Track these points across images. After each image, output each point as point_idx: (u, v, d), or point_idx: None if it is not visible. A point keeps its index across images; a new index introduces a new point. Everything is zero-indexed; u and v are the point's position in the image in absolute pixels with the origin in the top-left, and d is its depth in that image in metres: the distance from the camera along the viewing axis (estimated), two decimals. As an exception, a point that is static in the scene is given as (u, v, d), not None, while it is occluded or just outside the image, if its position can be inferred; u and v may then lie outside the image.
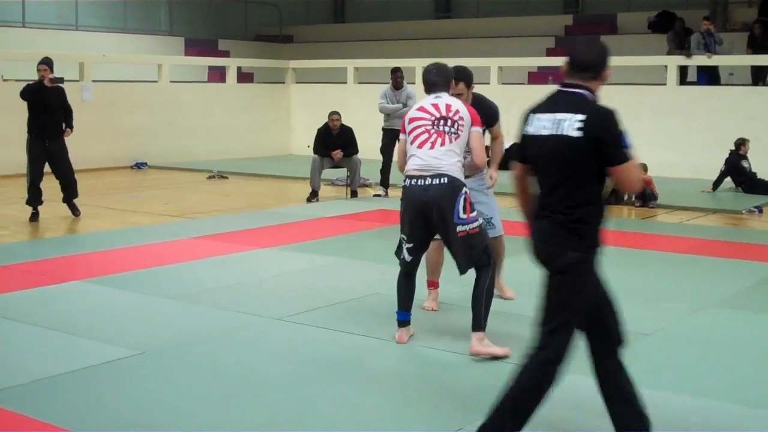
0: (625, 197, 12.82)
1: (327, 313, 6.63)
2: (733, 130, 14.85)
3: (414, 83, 17.45)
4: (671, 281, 7.90)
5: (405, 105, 13.09)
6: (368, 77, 19.71)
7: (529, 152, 4.00)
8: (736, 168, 14.14)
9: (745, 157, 14.17)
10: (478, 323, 5.53)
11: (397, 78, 13.23)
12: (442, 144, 5.55)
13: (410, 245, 5.73)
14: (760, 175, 14.09)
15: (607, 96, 15.09)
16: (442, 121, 5.60)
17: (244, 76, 21.36)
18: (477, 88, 6.82)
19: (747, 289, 7.62)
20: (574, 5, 24.05)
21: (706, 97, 16.27)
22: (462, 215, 5.47)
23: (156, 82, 18.72)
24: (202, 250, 9.02)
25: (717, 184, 14.14)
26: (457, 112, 5.63)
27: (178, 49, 22.87)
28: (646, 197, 12.65)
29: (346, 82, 20.13)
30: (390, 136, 13.22)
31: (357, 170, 13.29)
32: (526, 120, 4.05)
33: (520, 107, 6.35)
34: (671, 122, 16.26)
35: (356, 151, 13.24)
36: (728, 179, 14.21)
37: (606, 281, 4.03)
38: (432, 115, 5.63)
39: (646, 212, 12.33)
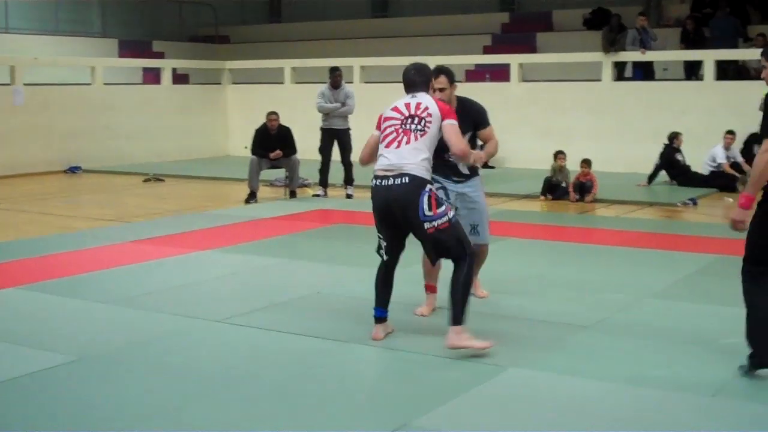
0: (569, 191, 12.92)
1: (268, 313, 6.57)
2: (667, 124, 15.09)
3: (352, 82, 17.50)
4: (609, 274, 7.97)
5: (344, 104, 13.06)
6: (306, 77, 19.64)
7: None
8: (670, 161, 14.35)
9: (679, 151, 14.39)
10: (455, 317, 5.46)
11: (336, 77, 13.18)
12: (407, 142, 5.54)
13: (385, 244, 5.74)
14: (694, 168, 14.32)
15: (542, 92, 15.37)
16: (409, 120, 5.60)
17: (180, 78, 21.13)
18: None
19: (683, 280, 7.72)
20: (510, 3, 24.19)
21: (641, 92, 16.50)
22: (428, 212, 5.44)
23: (89, 84, 18.43)
24: (140, 253, 8.89)
25: (652, 177, 14.35)
26: (426, 109, 5.61)
27: (111, 51, 22.54)
28: (585, 191, 12.77)
29: (283, 82, 20.03)
30: (329, 136, 13.19)
31: (296, 171, 13.22)
32: None
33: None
34: (607, 118, 16.47)
35: (295, 152, 13.16)
36: (663, 172, 14.42)
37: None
38: (402, 114, 5.64)
39: (583, 206, 12.45)
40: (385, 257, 5.77)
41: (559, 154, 13.17)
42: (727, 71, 16.37)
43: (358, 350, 5.67)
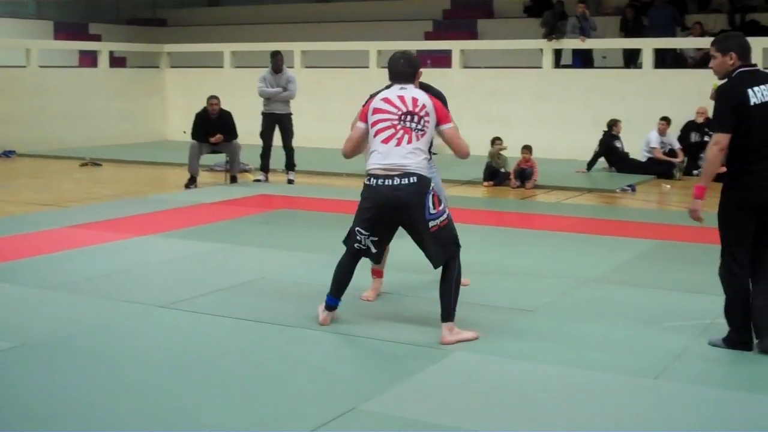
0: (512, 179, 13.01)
1: (212, 299, 6.50)
2: (607, 112, 15.26)
3: (293, 67, 17.39)
4: (551, 259, 8.04)
5: (285, 89, 12.97)
6: (246, 61, 19.48)
7: (753, 120, 5.04)
8: (609, 148, 14.52)
9: (618, 138, 14.56)
10: (448, 313, 5.42)
11: (277, 61, 13.08)
12: (409, 141, 5.43)
13: (375, 239, 5.60)
14: (632, 155, 14.50)
15: (483, 79, 15.44)
16: (408, 117, 5.47)
17: (117, 61, 20.84)
18: (355, 72, 6.72)
19: (624, 265, 7.82)
20: (451, -11, 24.21)
21: (581, 79, 16.64)
22: (432, 211, 5.42)
23: (24, 67, 18.05)
24: (79, 239, 8.74)
25: (591, 164, 14.51)
26: (423, 107, 5.50)
27: (47, 33, 22.12)
28: (526, 177, 12.87)
29: (222, 67, 19.84)
30: (270, 120, 13.09)
31: (237, 155, 13.10)
32: (741, 95, 5.06)
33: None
34: (547, 104, 16.58)
35: (235, 136, 13.03)
36: (602, 159, 14.58)
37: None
38: (398, 109, 5.49)
39: (524, 192, 12.53)
40: (373, 249, 5.63)
41: (496, 140, 13.21)
42: (665, 59, 16.58)
43: (303, 335, 5.65)
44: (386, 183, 5.42)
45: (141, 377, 4.88)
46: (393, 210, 5.46)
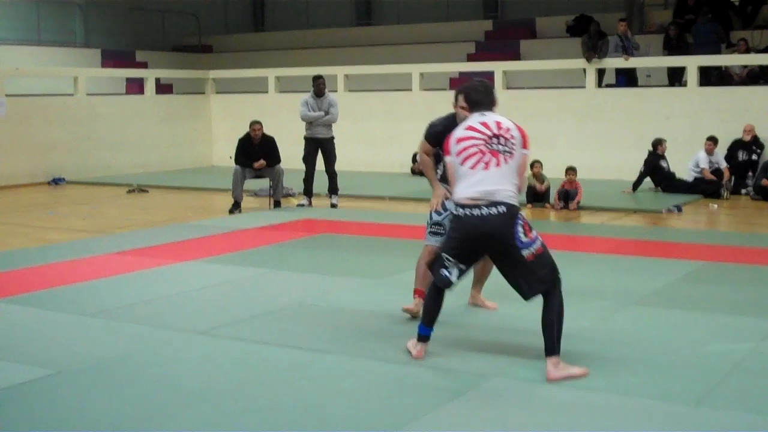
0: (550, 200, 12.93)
1: (250, 325, 6.51)
2: (651, 131, 15.10)
3: (336, 91, 17.48)
4: (594, 281, 7.94)
5: (327, 113, 13.01)
6: (290, 86, 19.61)
7: None
8: (654, 168, 14.36)
9: (663, 157, 14.40)
10: (552, 347, 5.26)
11: (319, 85, 13.13)
12: (497, 164, 5.31)
13: (462, 266, 5.48)
14: (678, 175, 14.34)
15: (526, 99, 15.36)
16: (494, 139, 5.36)
17: (163, 88, 21.07)
18: (398, 95, 6.72)
19: (668, 287, 7.70)
20: (493, 10, 24.22)
21: (625, 98, 16.50)
22: (524, 239, 5.27)
23: (72, 95, 18.33)
24: (122, 265, 8.82)
25: (637, 184, 14.35)
26: (508, 129, 5.41)
27: (94, 61, 22.46)
28: (570, 198, 12.76)
29: (267, 92, 19.99)
30: (312, 145, 13.13)
31: (279, 180, 13.16)
32: None
33: (443, 112, 6.38)
34: (591, 125, 16.46)
35: (278, 161, 13.10)
36: (648, 179, 14.43)
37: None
38: (483, 133, 5.39)
39: (568, 214, 12.43)
40: (454, 280, 5.49)
41: (535, 163, 13.05)
42: (710, 77, 16.40)
43: (339, 361, 5.61)
44: (474, 213, 5.28)
45: (173, 404, 4.88)
46: (482, 240, 5.34)
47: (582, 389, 5.04)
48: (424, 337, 5.64)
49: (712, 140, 14.26)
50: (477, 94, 5.62)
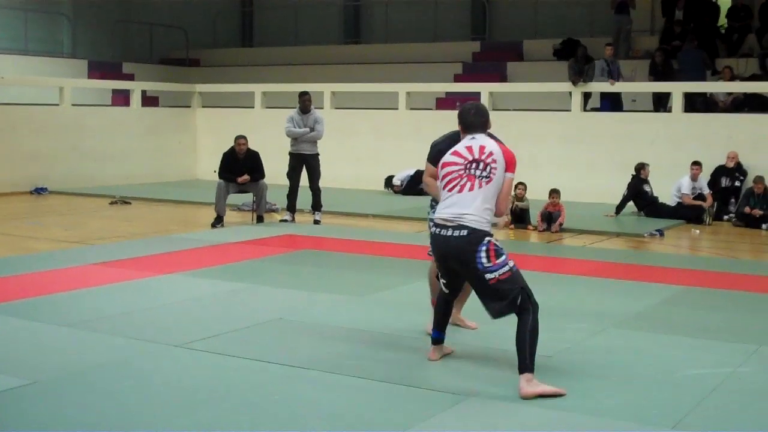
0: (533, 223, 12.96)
1: (228, 339, 6.48)
2: (635, 155, 15.16)
3: (322, 108, 17.49)
4: (574, 303, 7.96)
5: (312, 129, 13.01)
6: (276, 102, 19.62)
7: None
8: (638, 192, 14.41)
9: (646, 182, 14.46)
10: (524, 365, 5.29)
11: (304, 102, 13.14)
12: (471, 189, 5.42)
13: (444, 280, 5.78)
14: (661, 199, 14.39)
15: (514, 122, 15.48)
16: (473, 165, 5.47)
17: (149, 100, 21.04)
18: (384, 114, 6.74)
19: (648, 310, 7.72)
20: (481, 32, 24.31)
21: (610, 122, 16.58)
22: (486, 263, 5.35)
23: (57, 105, 18.28)
24: (102, 276, 8.78)
25: (620, 208, 14.39)
26: (490, 154, 5.48)
27: (80, 72, 22.40)
28: (552, 220, 12.79)
29: (253, 107, 19.99)
30: (297, 161, 13.13)
31: (263, 195, 13.14)
32: None
33: (429, 132, 6.41)
34: (576, 147, 16.52)
35: (262, 176, 13.08)
36: (631, 203, 14.48)
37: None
38: (465, 158, 5.51)
39: (551, 236, 12.45)
40: (444, 290, 5.84)
41: (518, 185, 13.04)
42: (695, 103, 16.50)
43: (317, 377, 5.60)
44: (441, 233, 5.49)
45: (150, 416, 4.85)
46: (447, 258, 5.54)
47: (559, 410, 5.04)
48: (435, 340, 5.95)
49: (698, 165, 14.32)
50: (468, 117, 5.73)
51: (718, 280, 9.22)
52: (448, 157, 5.63)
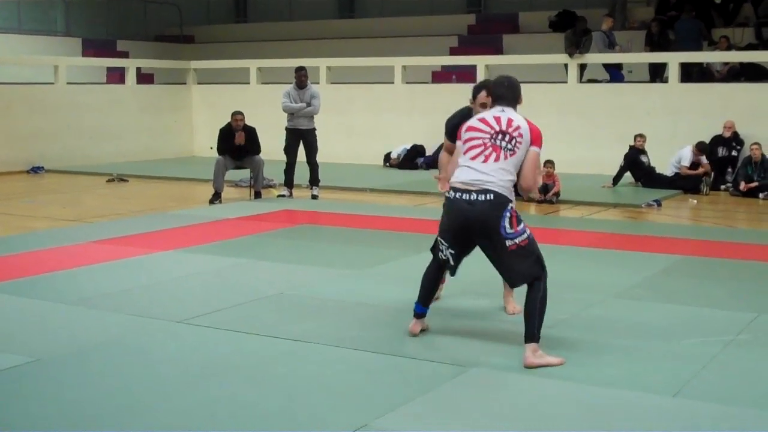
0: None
1: (229, 314, 6.49)
2: (632, 126, 15.15)
3: (318, 83, 17.44)
4: (573, 274, 7.95)
5: (309, 104, 12.99)
6: (272, 77, 19.55)
7: None
8: (634, 163, 14.42)
9: (644, 152, 14.46)
10: (531, 334, 5.33)
11: (300, 77, 13.11)
12: (496, 160, 5.39)
13: (453, 251, 5.62)
14: (658, 170, 14.40)
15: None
16: (500, 136, 5.43)
17: (144, 77, 20.97)
18: (380, 88, 6.74)
19: (647, 280, 7.74)
20: (476, 4, 24.24)
21: (606, 94, 16.57)
22: (509, 230, 5.35)
23: (52, 84, 18.22)
24: (101, 254, 8.78)
25: (617, 179, 14.40)
26: (518, 128, 5.45)
27: (75, 50, 22.32)
28: (548, 191, 12.79)
29: (249, 83, 19.94)
30: (293, 136, 13.11)
31: (260, 171, 13.13)
32: None
33: (424, 106, 6.41)
34: (572, 119, 16.49)
35: (259, 151, 13.07)
36: (628, 174, 14.48)
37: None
38: (492, 128, 5.47)
39: (548, 208, 12.46)
40: (451, 261, 5.65)
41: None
42: (691, 73, 16.47)
43: (319, 351, 5.61)
44: (463, 197, 5.41)
45: (153, 393, 4.87)
46: (467, 224, 5.44)
47: (560, 379, 5.06)
48: (418, 314, 5.89)
49: (701, 150, 14.19)
50: (500, 89, 5.69)
51: (716, 249, 9.25)
52: (474, 122, 5.58)
